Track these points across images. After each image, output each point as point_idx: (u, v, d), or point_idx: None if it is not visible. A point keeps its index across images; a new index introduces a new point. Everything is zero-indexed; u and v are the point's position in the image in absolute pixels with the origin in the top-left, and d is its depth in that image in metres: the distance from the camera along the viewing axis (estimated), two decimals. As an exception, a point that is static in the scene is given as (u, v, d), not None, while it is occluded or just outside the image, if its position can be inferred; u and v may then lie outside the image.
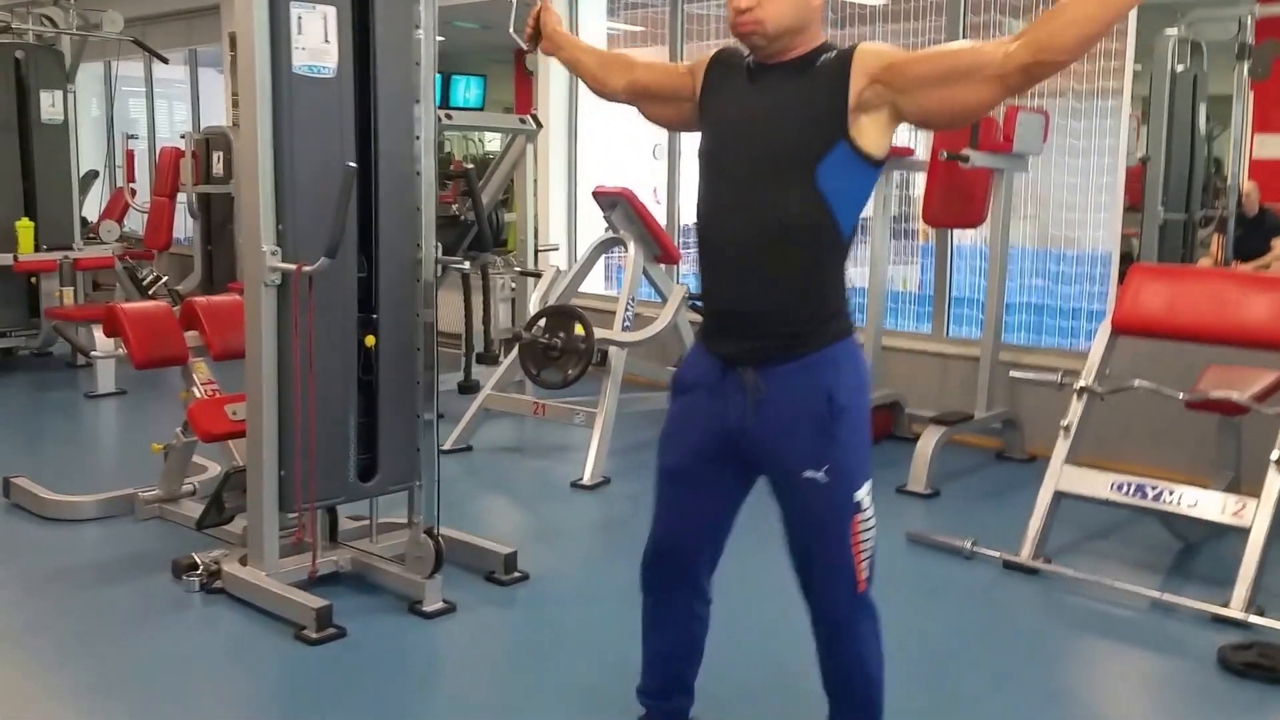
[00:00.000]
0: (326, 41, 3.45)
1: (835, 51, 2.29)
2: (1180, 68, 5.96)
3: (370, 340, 3.57)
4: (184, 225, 9.80)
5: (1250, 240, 6.14)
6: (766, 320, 2.35)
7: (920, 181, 5.76)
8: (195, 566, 3.77)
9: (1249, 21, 5.85)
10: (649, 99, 2.66)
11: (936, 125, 2.30)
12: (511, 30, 2.93)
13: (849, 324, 2.41)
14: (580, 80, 2.81)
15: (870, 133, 2.26)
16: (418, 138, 3.52)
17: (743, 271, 2.36)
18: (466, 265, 4.07)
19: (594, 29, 7.82)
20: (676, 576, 2.60)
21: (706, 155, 2.45)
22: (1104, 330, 4.29)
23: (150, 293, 7.93)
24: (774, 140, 2.30)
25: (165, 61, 8.76)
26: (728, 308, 2.42)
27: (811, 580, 2.44)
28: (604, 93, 2.75)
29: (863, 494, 2.36)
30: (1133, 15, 5.28)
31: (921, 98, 2.23)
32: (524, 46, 2.89)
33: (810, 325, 2.34)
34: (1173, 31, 5.90)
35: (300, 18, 3.39)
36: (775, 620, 3.19)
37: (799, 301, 2.34)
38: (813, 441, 2.32)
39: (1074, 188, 6.10)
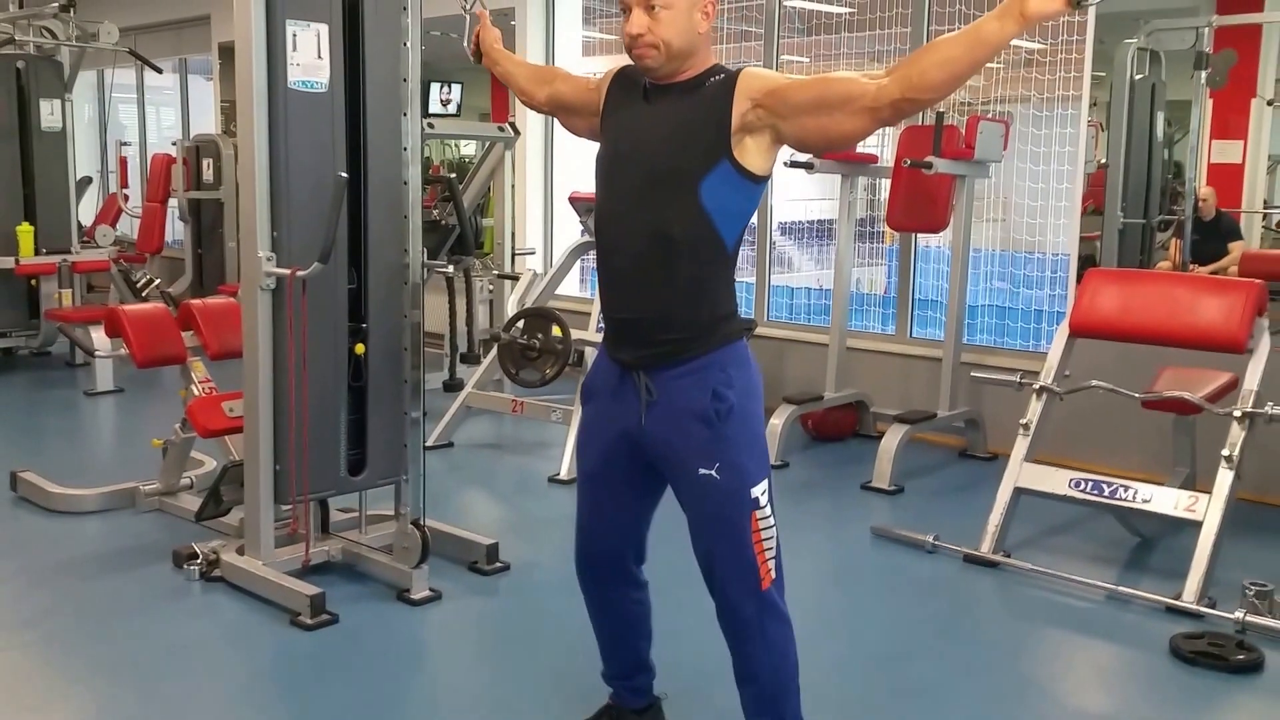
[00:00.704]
0: (319, 58, 3.54)
1: (724, 74, 2.35)
2: (1139, 76, 5.98)
3: (360, 349, 3.68)
4: (174, 229, 9.92)
5: (1207, 244, 6.17)
6: (656, 327, 2.39)
7: (886, 186, 5.81)
8: (195, 556, 3.87)
9: (1207, 32, 5.92)
10: (565, 110, 2.72)
11: (813, 149, 2.34)
12: (465, 44, 3.05)
13: (738, 328, 2.45)
14: (513, 92, 2.91)
15: (752, 153, 2.31)
16: (405, 149, 3.61)
17: (633, 281, 2.42)
18: (450, 269, 4.17)
19: (569, 37, 7.91)
20: (605, 571, 2.67)
21: (601, 168, 2.50)
22: (1062, 332, 4.36)
23: (143, 295, 8.04)
24: (661, 157, 2.35)
25: (159, 71, 8.83)
26: (621, 315, 2.47)
27: (715, 579, 2.45)
28: (531, 104, 2.83)
29: (759, 491, 2.39)
30: (1091, 26, 5.40)
31: (799, 123, 2.27)
32: (471, 60, 3.02)
33: (697, 331, 2.38)
34: (1132, 41, 5.96)
35: (295, 35, 3.49)
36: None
37: (686, 309, 2.37)
38: (703, 439, 2.36)
39: (1037, 193, 6.15)
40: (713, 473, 2.36)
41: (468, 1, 3.13)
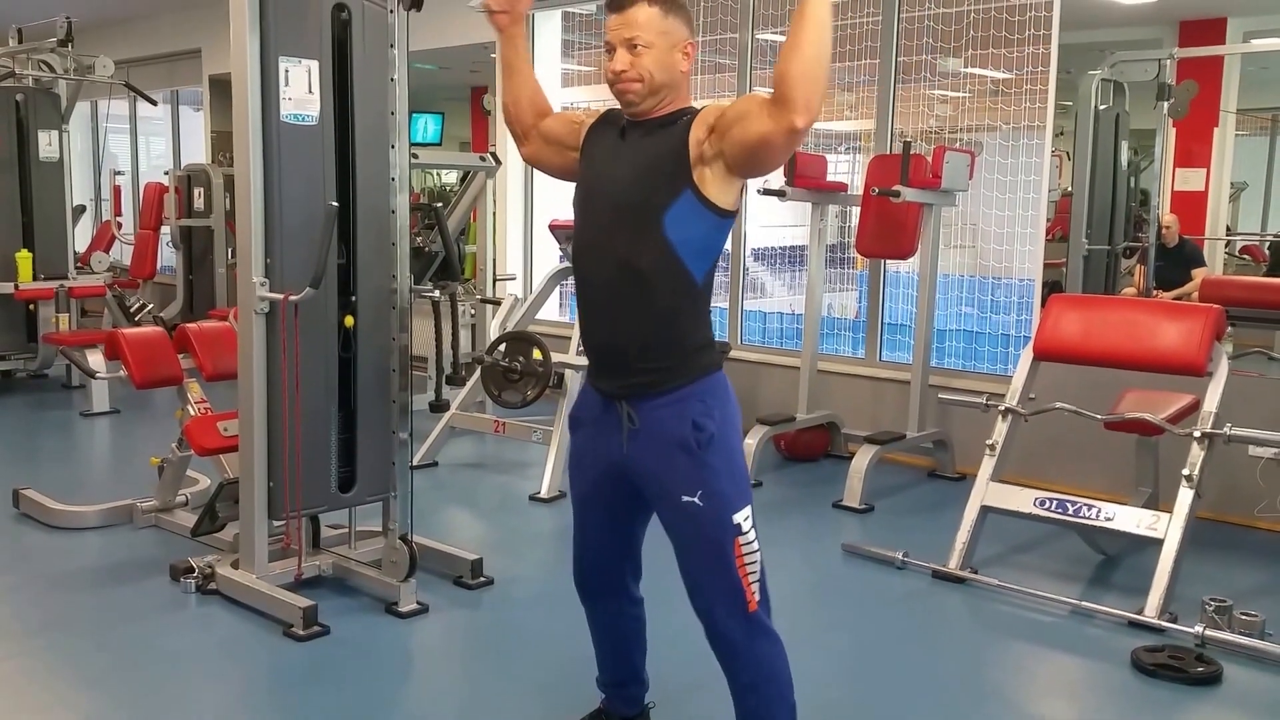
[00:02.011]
0: (310, 92, 3.65)
1: (693, 113, 2.40)
2: (1104, 106, 6.05)
3: (349, 320, 3.74)
4: (166, 256, 10.01)
5: (1171, 270, 6.27)
6: (632, 357, 2.44)
7: (857, 214, 5.90)
8: (191, 570, 3.95)
9: (1169, 64, 6.03)
10: (546, 141, 2.71)
11: (742, 166, 2.35)
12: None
13: (717, 359, 2.49)
14: (503, 89, 2.75)
15: (712, 184, 2.35)
16: (393, 178, 3.66)
17: (609, 313, 2.47)
18: (436, 294, 4.26)
19: (549, 69, 7.99)
20: (601, 588, 2.74)
21: (578, 203, 2.55)
22: (1026, 356, 4.42)
23: (136, 319, 8.15)
24: (628, 192, 2.41)
25: (154, 103, 8.96)
26: (598, 345, 2.53)
27: (702, 603, 2.48)
28: (518, 117, 2.73)
29: (741, 518, 2.42)
30: (1054, 57, 5.50)
31: (730, 140, 2.30)
32: (481, 10, 2.72)
33: (673, 362, 2.42)
34: (1096, 72, 6.06)
35: (287, 71, 3.59)
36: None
37: (659, 341, 2.42)
38: (685, 468, 2.40)
39: (1004, 220, 6.24)
40: (695, 500, 2.40)
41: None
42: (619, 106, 2.52)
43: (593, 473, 2.62)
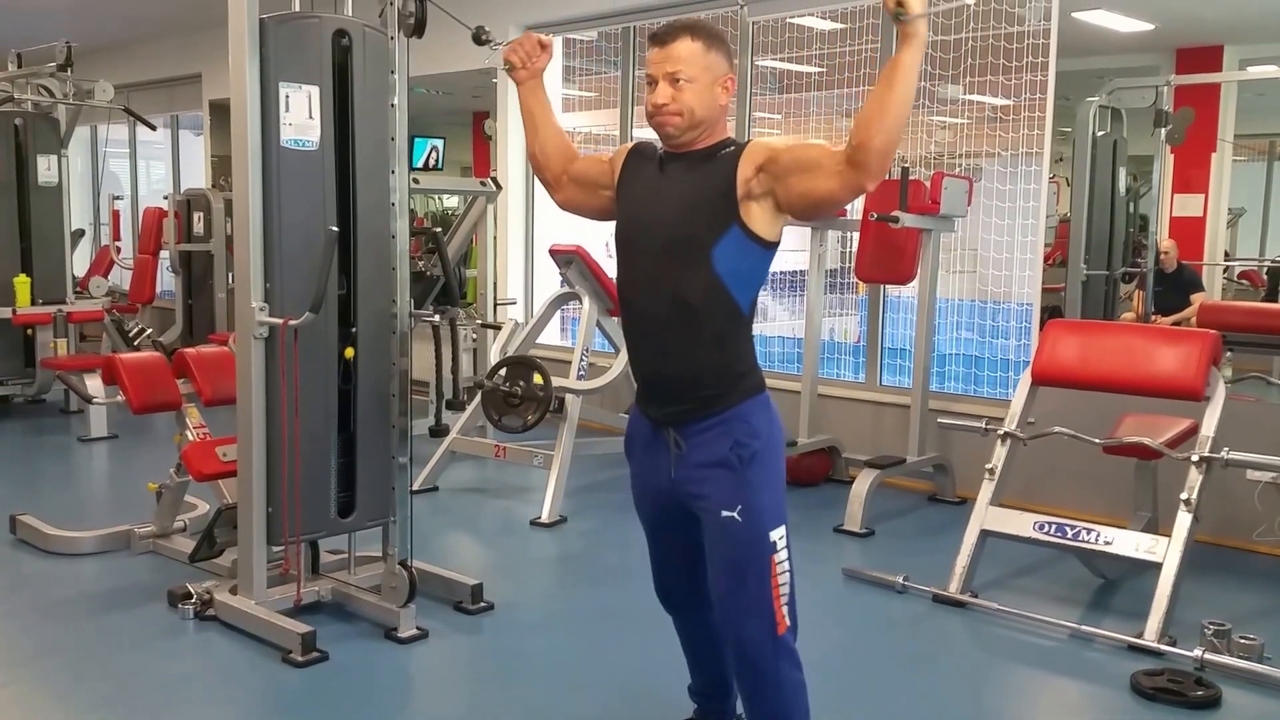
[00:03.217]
0: (311, 118, 3.67)
1: (734, 146, 2.46)
2: (1102, 133, 6.12)
3: (349, 352, 3.75)
4: (165, 280, 10.04)
5: (1169, 295, 6.30)
6: (682, 386, 2.51)
7: (857, 238, 5.92)
8: (189, 596, 3.93)
9: (1166, 91, 6.11)
10: (578, 185, 2.77)
11: (801, 213, 2.45)
12: (497, 49, 2.88)
13: (760, 381, 2.55)
14: (528, 140, 2.80)
15: (759, 219, 2.42)
16: (393, 203, 3.66)
17: (658, 343, 2.54)
18: (437, 318, 4.28)
19: (550, 94, 8.09)
20: (683, 601, 2.82)
21: (621, 239, 2.61)
22: (1024, 381, 4.43)
23: (135, 344, 8.15)
24: (676, 226, 2.46)
25: (154, 128, 8.98)
26: (649, 375, 2.60)
27: (732, 622, 2.53)
28: (547, 165, 2.78)
29: (777, 535, 2.49)
30: (1051, 84, 5.54)
31: (788, 186, 2.38)
32: (504, 66, 2.79)
33: (721, 388, 2.49)
34: (1094, 99, 6.14)
35: (288, 97, 3.62)
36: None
37: (709, 369, 2.49)
38: (727, 484, 2.47)
39: (1003, 245, 6.28)
40: (735, 515, 2.47)
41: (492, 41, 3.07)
42: (648, 139, 2.59)
43: (651, 497, 2.70)
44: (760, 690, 2.55)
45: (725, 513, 2.47)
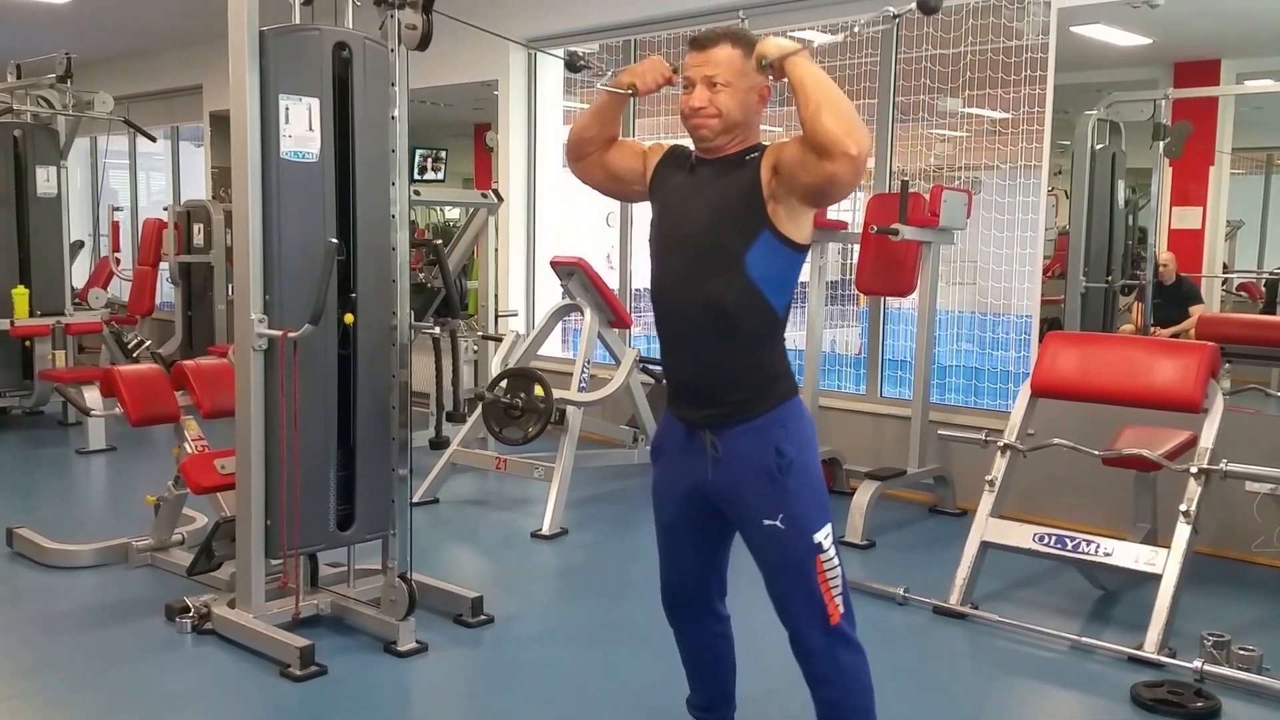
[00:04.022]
0: (311, 130, 3.67)
1: (760, 150, 2.51)
2: (1100, 146, 6.10)
3: (349, 318, 3.74)
4: (165, 292, 10.02)
5: (1168, 308, 6.29)
6: (717, 389, 2.56)
7: (858, 251, 5.95)
8: (187, 609, 3.91)
9: (1164, 104, 6.10)
10: (605, 171, 2.76)
11: (817, 200, 2.47)
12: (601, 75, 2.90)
13: (793, 385, 2.61)
14: (584, 124, 2.76)
15: (787, 220, 2.47)
16: (393, 215, 3.65)
17: (692, 347, 2.58)
18: (437, 330, 4.26)
19: (551, 107, 8.09)
20: (689, 608, 2.83)
21: (654, 243, 2.66)
22: (1024, 392, 4.44)
23: (134, 356, 8.13)
24: (709, 233, 2.51)
25: (154, 140, 8.99)
26: (683, 378, 2.64)
27: (789, 619, 2.60)
28: (584, 150, 2.76)
29: (821, 536, 2.54)
30: (1050, 97, 5.59)
31: (797, 182, 2.42)
32: (625, 89, 2.70)
33: (756, 391, 2.54)
34: (1093, 112, 6.13)
35: (288, 109, 3.62)
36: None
37: (743, 372, 2.54)
38: (767, 493, 2.52)
39: (1003, 257, 6.30)
40: (777, 523, 2.52)
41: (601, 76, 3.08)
42: (683, 142, 2.63)
43: (677, 499, 2.71)
44: (820, 679, 2.62)
45: (767, 521, 2.52)
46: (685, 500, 2.68)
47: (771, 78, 2.50)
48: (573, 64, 3.17)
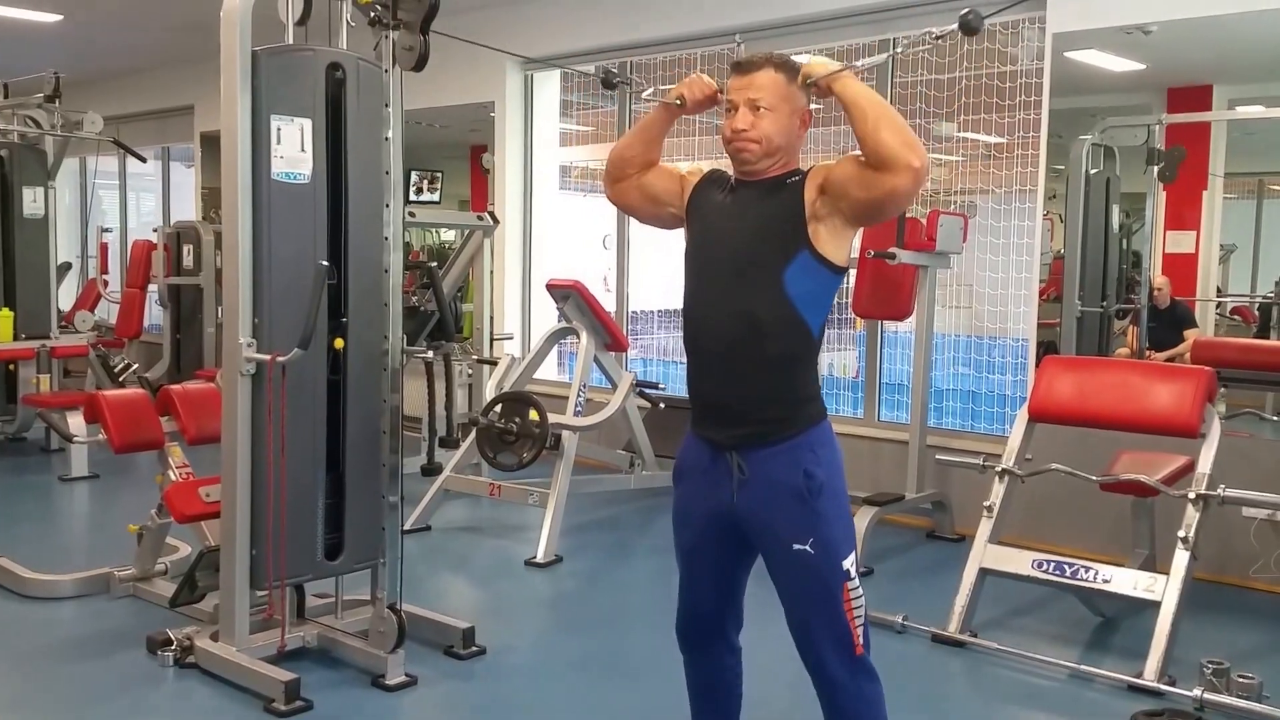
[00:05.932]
0: (302, 151, 3.64)
1: (801, 174, 2.53)
2: (1094, 170, 6.14)
3: (339, 342, 3.70)
4: (153, 314, 9.96)
5: (1163, 332, 6.29)
6: (746, 410, 2.54)
7: (855, 275, 5.87)
8: (169, 642, 3.85)
9: (1158, 129, 6.14)
10: (642, 193, 2.76)
11: (869, 218, 2.53)
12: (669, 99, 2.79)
13: (823, 409, 2.60)
14: (627, 143, 2.77)
15: (827, 242, 2.48)
16: (386, 237, 3.62)
17: (724, 367, 2.56)
18: (430, 354, 4.24)
19: (548, 129, 8.09)
20: (704, 636, 2.78)
21: (690, 262, 2.65)
22: (1021, 417, 4.43)
23: (121, 380, 8.07)
24: (747, 252, 2.52)
25: (144, 160, 8.95)
26: (712, 399, 2.61)
27: (812, 648, 2.57)
28: (623, 174, 2.76)
29: (848, 563, 2.52)
30: (1044, 122, 5.62)
31: (851, 197, 2.44)
32: (673, 100, 2.70)
33: (787, 413, 2.53)
34: (1087, 137, 6.16)
35: (279, 129, 3.59)
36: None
37: (775, 393, 2.53)
38: (797, 516, 2.49)
39: (999, 281, 6.31)
40: (806, 548, 2.49)
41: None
42: (722, 167, 2.65)
43: (699, 523, 2.67)
44: (842, 708, 2.60)
45: (796, 545, 2.50)
46: (707, 524, 2.65)
47: (816, 96, 2.52)
48: (609, 80, 3.13)
